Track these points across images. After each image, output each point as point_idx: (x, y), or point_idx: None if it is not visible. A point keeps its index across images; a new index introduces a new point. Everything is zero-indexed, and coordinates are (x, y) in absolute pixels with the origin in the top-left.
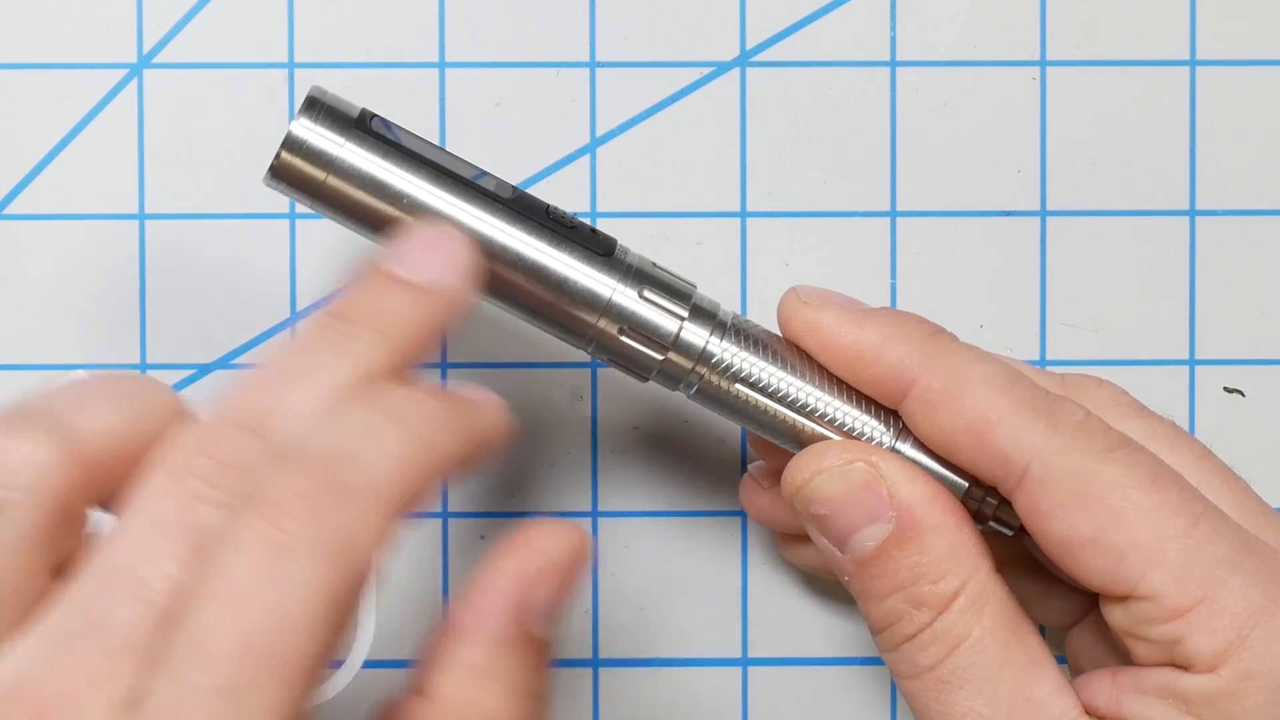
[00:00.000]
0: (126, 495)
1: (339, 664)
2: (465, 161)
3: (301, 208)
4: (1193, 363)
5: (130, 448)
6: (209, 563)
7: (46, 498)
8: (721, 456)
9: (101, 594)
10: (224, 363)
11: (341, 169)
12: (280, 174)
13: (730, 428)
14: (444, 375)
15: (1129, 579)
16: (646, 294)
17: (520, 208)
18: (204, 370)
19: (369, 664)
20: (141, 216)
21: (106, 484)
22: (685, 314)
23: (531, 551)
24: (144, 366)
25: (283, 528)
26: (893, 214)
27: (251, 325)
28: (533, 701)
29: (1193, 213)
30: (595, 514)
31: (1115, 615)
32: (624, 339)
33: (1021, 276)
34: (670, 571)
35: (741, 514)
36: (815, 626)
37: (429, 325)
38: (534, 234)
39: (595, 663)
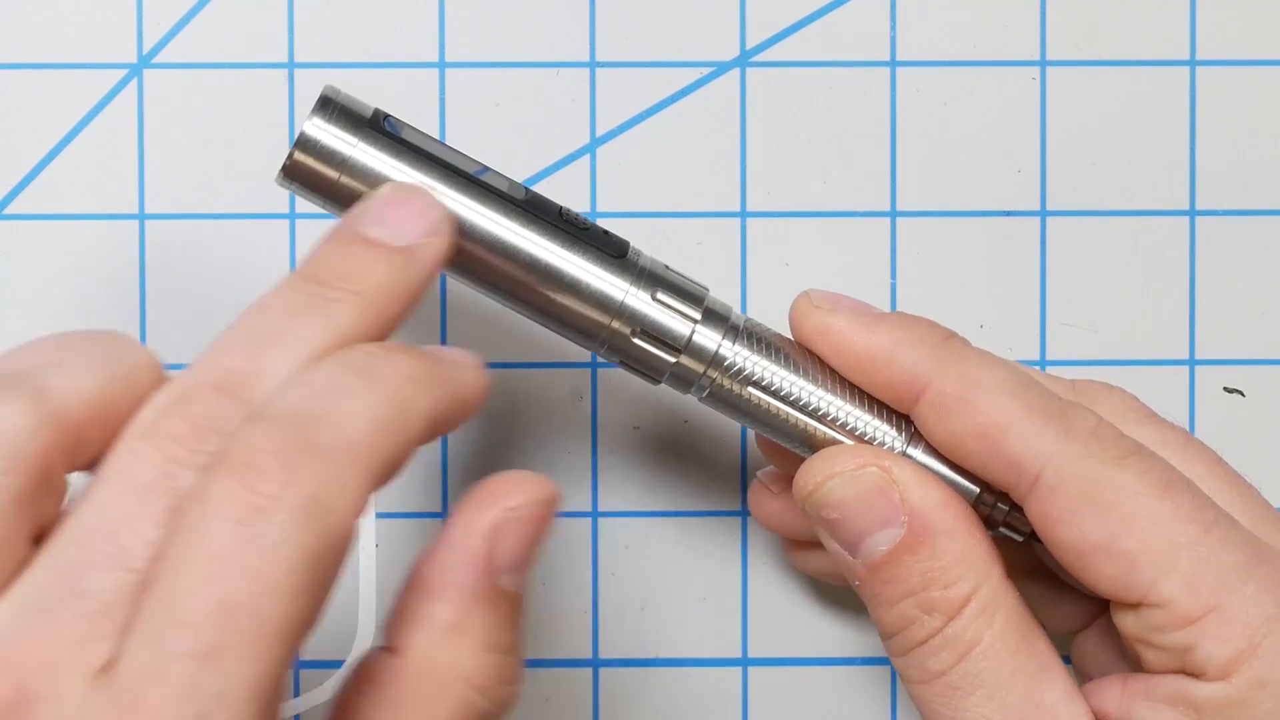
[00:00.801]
0: (105, 458)
1: (339, 663)
2: (478, 163)
3: (301, 207)
4: (1193, 363)
5: (108, 410)
6: (184, 525)
7: (23, 463)
8: (721, 457)
9: (79, 559)
10: None
11: (354, 169)
12: (293, 174)
13: (730, 428)
14: None
15: (1140, 586)
16: (659, 296)
17: (533, 209)
18: None
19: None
20: (141, 216)
21: (85, 447)
22: (698, 317)
23: (498, 504)
24: None
25: (257, 489)
26: (893, 214)
27: None
28: (505, 655)
29: (1193, 213)
30: (595, 514)
31: (1126, 622)
32: (636, 341)
33: (1021, 276)
34: (670, 571)
35: (742, 514)
36: (815, 627)
37: (404, 287)
38: (547, 236)
39: (595, 663)
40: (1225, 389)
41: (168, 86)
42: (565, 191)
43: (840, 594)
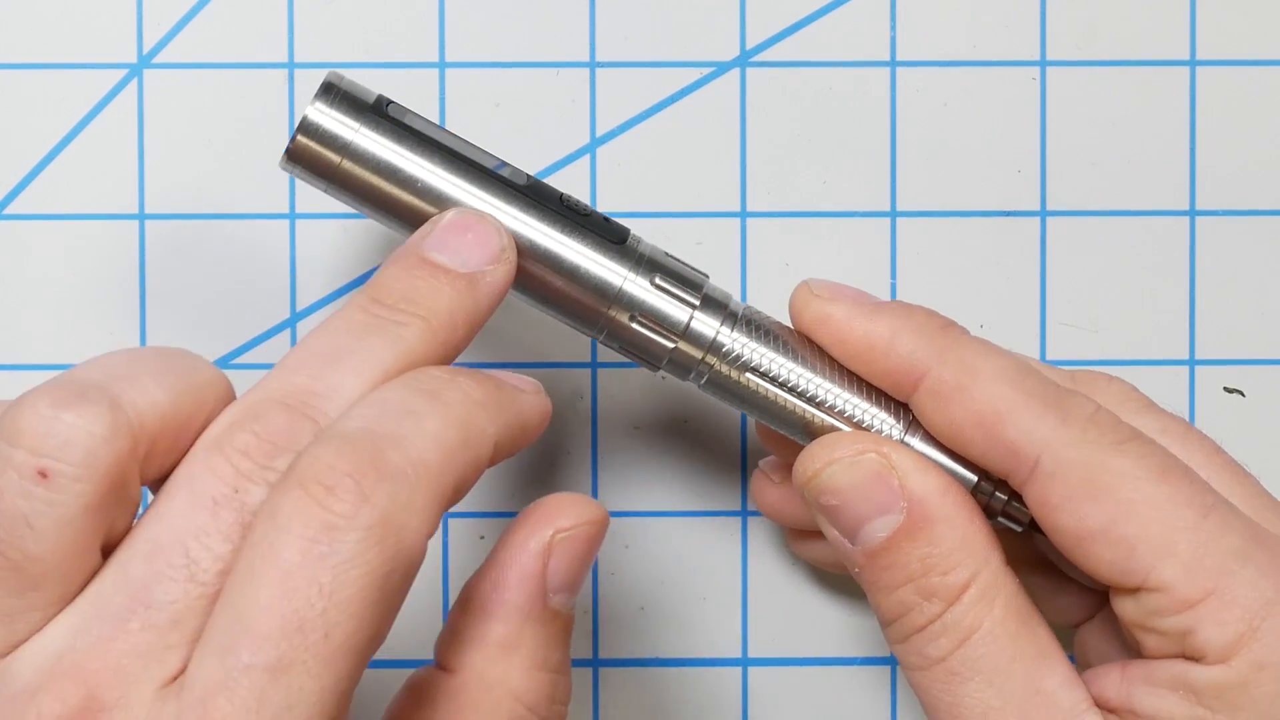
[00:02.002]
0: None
1: None
2: (480, 149)
3: (302, 207)
4: (1193, 363)
5: (179, 423)
6: (255, 540)
7: (98, 471)
8: (721, 456)
9: (149, 571)
10: (224, 363)
11: (356, 153)
12: (295, 157)
13: (730, 429)
14: None
15: (1139, 571)
16: (658, 282)
17: (534, 195)
18: None
19: (369, 663)
20: (141, 216)
21: (156, 460)
22: (696, 303)
23: (551, 525)
24: None
25: (330, 507)
26: (893, 214)
27: (251, 325)
28: (555, 674)
29: (1193, 213)
30: None
31: (1125, 607)
32: (635, 327)
33: (1021, 276)
34: (670, 571)
35: (742, 514)
36: (815, 626)
37: (468, 313)
38: (547, 221)
39: (595, 663)
40: (1225, 389)
41: (168, 86)
42: (565, 191)
43: (840, 593)
